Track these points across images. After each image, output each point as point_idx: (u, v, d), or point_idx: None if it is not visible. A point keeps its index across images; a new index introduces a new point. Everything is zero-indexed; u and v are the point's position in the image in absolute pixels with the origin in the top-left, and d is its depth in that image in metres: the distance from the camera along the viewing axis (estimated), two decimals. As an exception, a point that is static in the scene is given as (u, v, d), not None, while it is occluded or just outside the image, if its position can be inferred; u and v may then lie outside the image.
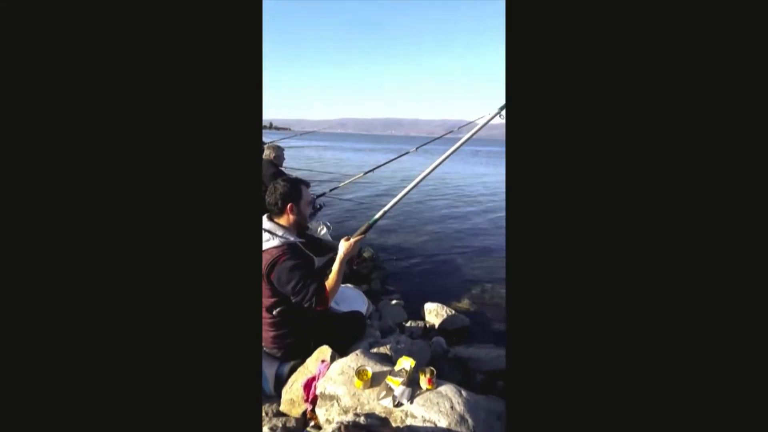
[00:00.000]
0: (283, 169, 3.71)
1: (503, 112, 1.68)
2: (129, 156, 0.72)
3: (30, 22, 0.70)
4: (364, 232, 1.77)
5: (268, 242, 1.64)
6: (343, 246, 1.71)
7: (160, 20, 0.74)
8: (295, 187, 1.71)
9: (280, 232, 1.66)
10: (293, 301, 1.63)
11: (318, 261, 1.73)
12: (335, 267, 1.68)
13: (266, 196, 1.71)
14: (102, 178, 0.71)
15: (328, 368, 1.56)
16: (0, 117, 0.68)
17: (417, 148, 3.61)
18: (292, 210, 1.69)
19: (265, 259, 1.61)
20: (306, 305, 1.61)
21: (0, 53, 0.68)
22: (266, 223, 1.70)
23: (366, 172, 4.25)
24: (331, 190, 4.37)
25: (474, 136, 1.87)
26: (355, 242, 1.71)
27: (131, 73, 0.73)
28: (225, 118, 0.77)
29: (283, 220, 1.71)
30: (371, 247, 4.25)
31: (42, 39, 0.70)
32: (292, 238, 1.68)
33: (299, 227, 1.77)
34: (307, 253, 1.69)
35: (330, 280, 1.66)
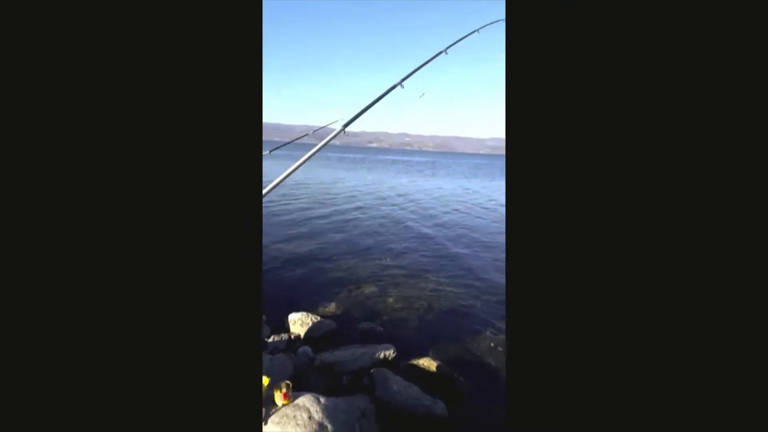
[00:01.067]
0: None
1: (346, 129, 1.74)
2: (130, 157, 0.72)
3: (30, 22, 0.70)
4: None
5: None
6: None
7: (159, 21, 0.74)
8: None
9: None
10: None
11: None
12: None
13: None
14: (103, 180, 0.71)
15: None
16: (0, 117, 0.68)
17: (270, 152, 3.45)
18: None
19: None
20: None
21: (0, 53, 0.68)
22: None
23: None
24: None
25: (330, 144, 1.86)
26: None
27: (132, 74, 0.73)
28: (225, 118, 0.77)
29: None
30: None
31: (42, 39, 0.70)
32: None
33: None
34: None
35: None
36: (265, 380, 1.38)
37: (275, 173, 1.71)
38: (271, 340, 2.67)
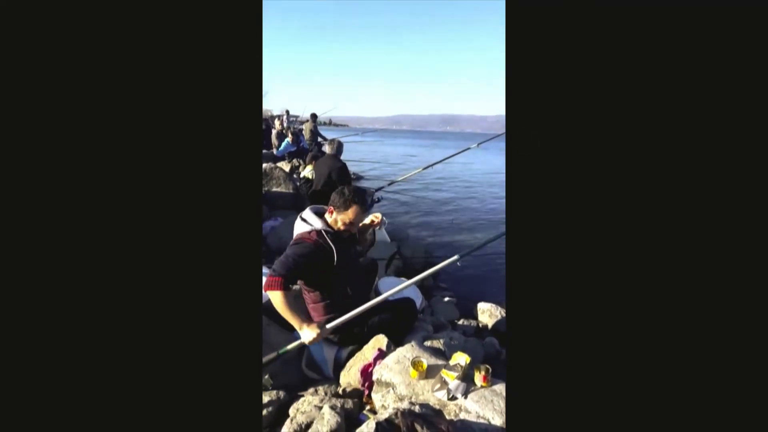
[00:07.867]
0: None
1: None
2: (129, 156, 0.73)
3: (30, 22, 0.69)
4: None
5: (301, 228, 1.75)
6: (308, 332, 1.56)
7: (161, 20, 0.74)
8: (363, 198, 1.76)
9: (311, 219, 1.75)
10: None
11: (344, 253, 1.72)
12: (289, 316, 1.55)
13: (333, 193, 1.76)
14: (102, 179, 0.71)
15: (383, 356, 1.62)
16: (0, 117, 0.68)
17: (479, 144, 3.59)
18: (355, 213, 1.71)
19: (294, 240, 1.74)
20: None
21: (0, 53, 0.67)
22: (308, 213, 1.79)
23: (425, 168, 4.27)
24: (389, 184, 4.46)
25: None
26: (318, 335, 1.57)
27: (131, 74, 0.73)
28: (225, 118, 0.77)
29: (340, 217, 1.74)
30: (422, 246, 4.27)
31: (42, 39, 0.69)
32: (319, 225, 1.72)
33: (348, 228, 1.76)
34: (325, 243, 1.68)
35: (280, 298, 1.53)
36: (467, 358, 1.50)
37: (482, 164, 1.75)
38: (460, 323, 2.83)
